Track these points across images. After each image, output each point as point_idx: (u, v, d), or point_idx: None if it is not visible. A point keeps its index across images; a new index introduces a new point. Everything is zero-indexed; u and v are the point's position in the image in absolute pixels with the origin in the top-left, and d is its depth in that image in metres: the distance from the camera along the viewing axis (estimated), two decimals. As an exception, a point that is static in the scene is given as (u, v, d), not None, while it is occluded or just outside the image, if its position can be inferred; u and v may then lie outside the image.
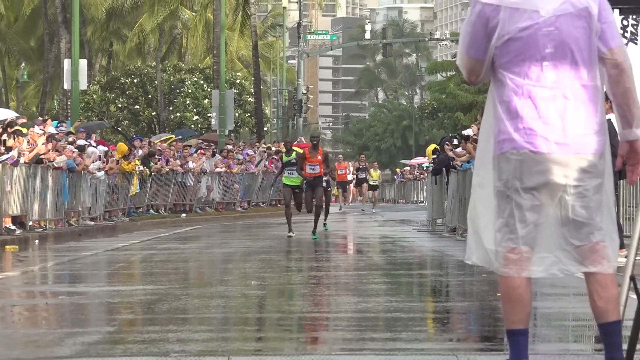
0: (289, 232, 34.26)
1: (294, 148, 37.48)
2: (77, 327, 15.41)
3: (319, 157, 33.25)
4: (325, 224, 40.36)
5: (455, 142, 42.93)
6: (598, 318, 8.94)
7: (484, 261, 9.19)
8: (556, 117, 8.63)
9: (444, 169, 43.44)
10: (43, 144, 39.02)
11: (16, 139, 36.80)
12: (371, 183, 78.34)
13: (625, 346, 9.31)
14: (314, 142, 33.75)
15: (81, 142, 45.59)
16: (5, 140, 35.47)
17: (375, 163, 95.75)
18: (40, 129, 43.00)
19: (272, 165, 67.33)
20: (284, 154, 33.64)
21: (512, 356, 9.00)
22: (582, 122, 8.67)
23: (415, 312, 17.36)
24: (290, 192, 33.36)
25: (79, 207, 43.41)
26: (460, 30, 9.17)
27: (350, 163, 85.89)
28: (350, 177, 77.07)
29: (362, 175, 75.75)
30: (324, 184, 36.97)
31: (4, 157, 35.04)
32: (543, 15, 8.64)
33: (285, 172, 32.68)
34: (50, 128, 45.30)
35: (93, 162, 45.00)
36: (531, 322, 16.07)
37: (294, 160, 32.56)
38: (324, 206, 36.03)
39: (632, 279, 9.47)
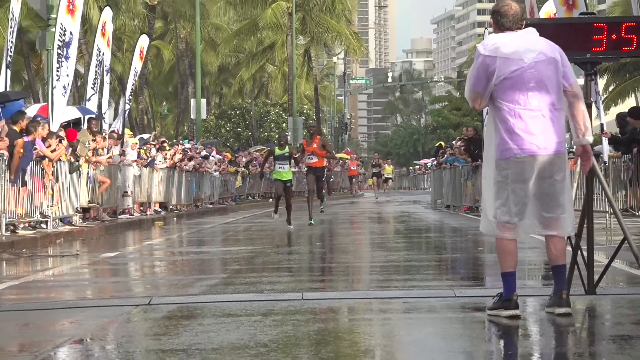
0: (275, 212, 27.17)
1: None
2: (202, 275, 15.38)
3: (315, 146, 26.02)
4: (322, 207, 33.90)
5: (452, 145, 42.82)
6: (552, 262, 9.58)
7: (488, 230, 9.59)
8: (539, 130, 9.06)
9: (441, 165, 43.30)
10: (179, 153, 39.17)
11: (161, 150, 36.92)
12: (385, 176, 71.38)
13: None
14: (310, 132, 26.59)
15: (204, 153, 45.86)
16: (150, 150, 35.57)
17: (389, 160, 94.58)
18: (181, 145, 43.65)
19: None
20: (277, 147, 25.93)
21: (506, 290, 9.48)
22: (555, 133, 9.06)
23: (424, 262, 17.25)
24: (281, 186, 25.95)
25: (202, 195, 43.46)
26: (468, 74, 9.55)
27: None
28: (361, 171, 75.89)
29: (376, 170, 70.17)
30: (325, 175, 29.65)
31: (155, 161, 35.10)
32: (526, 62, 9.08)
33: (277, 165, 25.37)
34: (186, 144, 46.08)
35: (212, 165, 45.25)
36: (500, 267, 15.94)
37: (287, 154, 25.33)
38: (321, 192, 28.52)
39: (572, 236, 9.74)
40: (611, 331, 9.02)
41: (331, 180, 34.80)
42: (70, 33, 29.91)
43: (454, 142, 44.70)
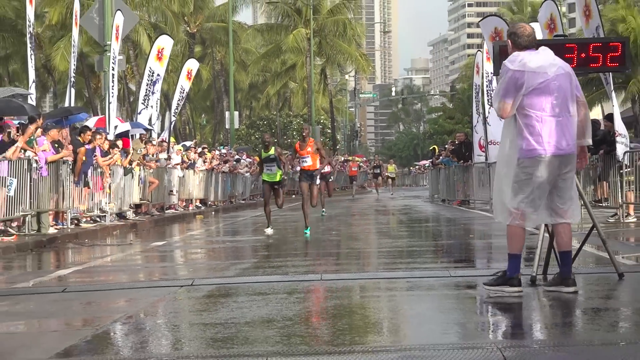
0: (268, 227, 21.41)
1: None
2: (236, 260, 15.38)
3: (309, 149, 21.36)
4: (323, 213, 28.95)
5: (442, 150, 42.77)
6: (561, 247, 9.45)
7: (505, 219, 9.42)
8: (560, 133, 9.06)
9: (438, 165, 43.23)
10: (216, 158, 39.29)
11: (200, 155, 37.03)
12: (388, 175, 69.47)
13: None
14: (303, 134, 21.98)
15: (237, 157, 45.99)
16: (191, 154, 35.56)
17: (391, 160, 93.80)
18: (217, 151, 43.76)
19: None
20: (262, 150, 21.98)
21: (512, 270, 9.34)
22: (570, 135, 9.11)
23: (423, 247, 17.24)
24: (269, 189, 21.87)
25: (236, 192, 43.47)
26: (497, 86, 9.41)
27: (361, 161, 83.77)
28: (369, 171, 75.03)
29: (377, 171, 67.80)
30: (327, 177, 25.85)
31: (196, 164, 35.12)
32: (550, 75, 9.05)
33: (265, 168, 21.44)
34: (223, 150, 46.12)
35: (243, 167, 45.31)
36: (488, 252, 15.93)
37: (272, 156, 21.18)
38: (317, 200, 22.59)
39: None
40: (584, 304, 9.01)
41: (330, 180, 32.47)
42: (154, 72, 30.80)
43: (447, 145, 44.58)
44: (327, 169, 28.77)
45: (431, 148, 54.20)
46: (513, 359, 6.34)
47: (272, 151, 21.03)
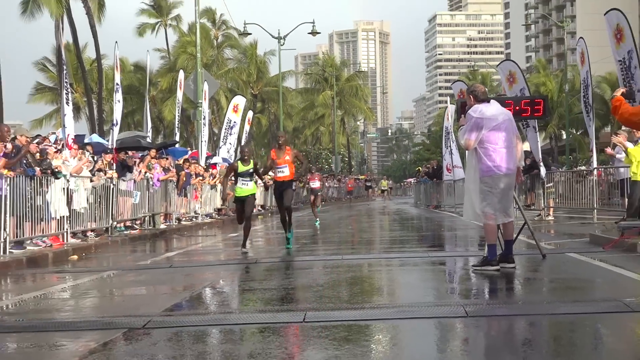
0: (243, 247, 13.90)
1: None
2: (285, 246, 15.28)
3: (287, 158, 13.93)
4: (289, 235, 14.66)
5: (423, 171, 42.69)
6: (507, 237, 9.29)
7: (473, 219, 9.36)
8: (507, 158, 8.90)
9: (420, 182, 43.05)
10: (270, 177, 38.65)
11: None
12: (382, 189, 67.04)
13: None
14: (279, 142, 14.26)
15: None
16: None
17: (385, 177, 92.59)
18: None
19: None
20: (239, 163, 13.80)
21: (491, 254, 9.11)
22: (514, 160, 9.00)
23: (410, 237, 17.13)
24: (241, 205, 14.11)
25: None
26: (462, 129, 9.21)
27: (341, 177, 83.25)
28: (373, 185, 73.42)
29: (368, 184, 66.84)
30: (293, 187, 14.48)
31: (258, 182, 34.92)
32: (500, 120, 8.95)
33: (239, 182, 13.86)
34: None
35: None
36: (453, 240, 15.84)
37: (251, 171, 13.80)
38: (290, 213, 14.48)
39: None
40: (519, 276, 8.95)
41: (319, 194, 26.21)
42: (231, 120, 31.04)
43: (423, 169, 44.87)
44: (317, 184, 25.63)
45: (416, 169, 54.02)
46: (471, 313, 6.29)
47: (251, 165, 13.92)
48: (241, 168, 13.81)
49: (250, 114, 37.94)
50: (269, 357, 5.00)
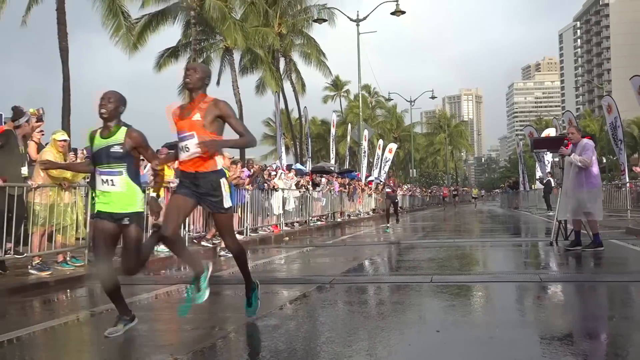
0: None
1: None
2: (414, 233, 14.70)
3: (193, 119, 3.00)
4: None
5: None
6: (593, 230, 8.03)
7: (569, 216, 8.03)
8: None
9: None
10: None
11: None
12: (473, 196, 48.55)
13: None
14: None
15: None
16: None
17: (475, 187, 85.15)
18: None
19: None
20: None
21: (597, 240, 7.94)
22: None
23: (497, 227, 15.97)
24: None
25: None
26: (587, 153, 7.76)
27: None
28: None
29: (454, 193, 47.99)
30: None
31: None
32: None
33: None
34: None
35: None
36: (527, 230, 14.59)
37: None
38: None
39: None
40: (577, 254, 8.05)
41: (396, 201, 15.70)
42: (386, 157, 31.66)
43: (506, 184, 41.95)
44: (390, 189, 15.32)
45: (502, 185, 50.88)
46: (545, 279, 5.81)
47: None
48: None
49: (394, 146, 36.98)
50: (409, 303, 4.93)
